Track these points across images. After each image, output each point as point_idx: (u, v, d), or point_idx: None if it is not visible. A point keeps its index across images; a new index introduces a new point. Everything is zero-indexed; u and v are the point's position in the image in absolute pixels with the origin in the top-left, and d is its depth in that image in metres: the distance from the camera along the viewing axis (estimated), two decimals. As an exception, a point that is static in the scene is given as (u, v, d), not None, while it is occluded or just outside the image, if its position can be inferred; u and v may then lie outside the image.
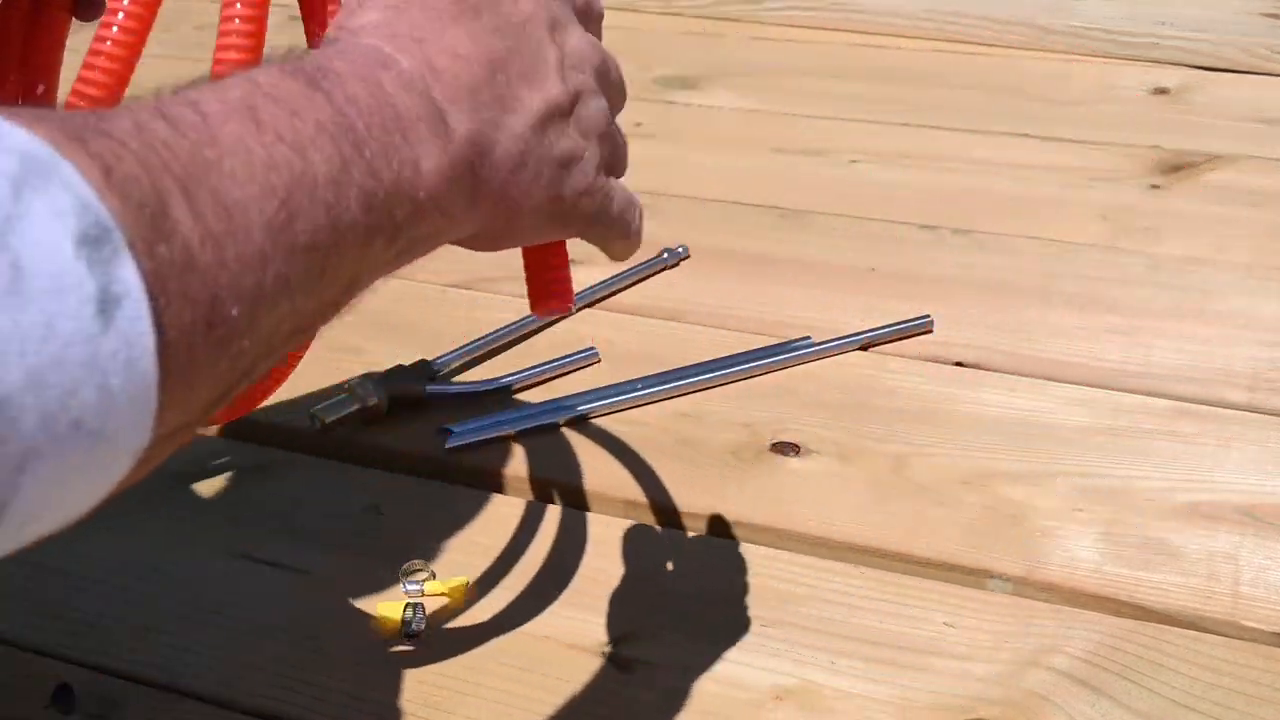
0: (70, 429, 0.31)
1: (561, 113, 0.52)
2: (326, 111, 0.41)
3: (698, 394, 1.02)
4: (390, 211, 0.44)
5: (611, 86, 0.57)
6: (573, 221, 0.56)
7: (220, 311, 0.36)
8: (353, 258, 0.42)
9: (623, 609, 0.82)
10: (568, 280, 0.63)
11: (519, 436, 0.98)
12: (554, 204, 0.53)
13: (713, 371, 1.03)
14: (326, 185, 0.40)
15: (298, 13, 0.70)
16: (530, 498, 0.93)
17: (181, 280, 0.35)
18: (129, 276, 0.33)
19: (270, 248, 0.38)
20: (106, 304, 0.32)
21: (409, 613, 0.81)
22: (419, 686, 0.77)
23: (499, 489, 0.94)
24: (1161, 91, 1.56)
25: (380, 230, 0.43)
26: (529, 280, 0.64)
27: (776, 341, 1.07)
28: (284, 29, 0.69)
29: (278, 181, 0.38)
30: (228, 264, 0.36)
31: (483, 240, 0.53)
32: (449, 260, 1.27)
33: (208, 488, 0.95)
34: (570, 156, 0.53)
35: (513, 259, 1.24)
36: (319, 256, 0.40)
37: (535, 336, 1.11)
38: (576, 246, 1.24)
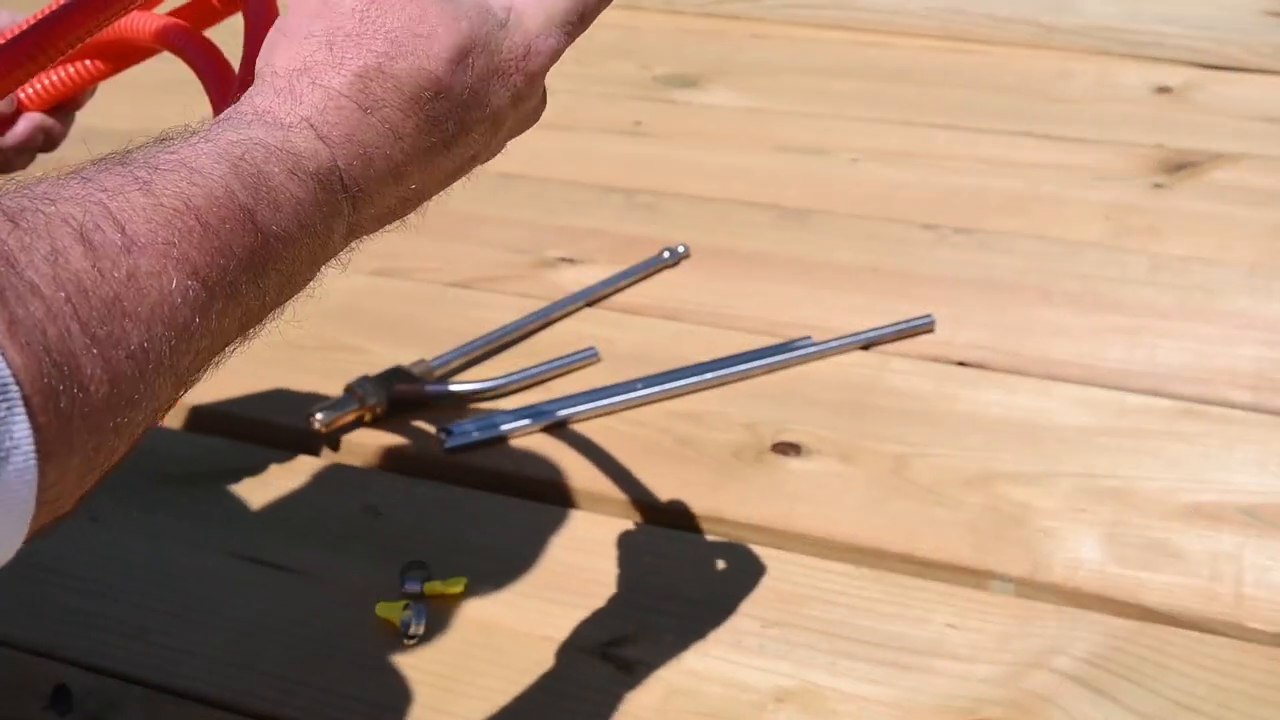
0: None
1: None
2: (247, 251, 0.42)
3: (698, 394, 1.02)
4: (264, 319, 0.45)
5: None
6: None
7: (103, 450, 0.38)
8: (213, 365, 0.44)
9: (623, 609, 0.82)
10: None
11: (518, 436, 0.98)
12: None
13: (713, 371, 1.03)
14: (228, 323, 0.42)
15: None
16: (530, 498, 0.93)
17: (71, 427, 0.36)
18: (21, 433, 0.34)
19: (158, 385, 0.39)
20: (2, 457, 0.34)
21: (408, 613, 0.80)
22: (418, 687, 0.77)
23: (498, 489, 0.94)
24: (1164, 90, 1.55)
25: (250, 326, 0.45)
26: None
27: (777, 341, 1.07)
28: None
29: (182, 322, 0.39)
30: (114, 409, 0.38)
31: None
32: (449, 260, 1.28)
33: (207, 488, 0.94)
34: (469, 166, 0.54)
35: (514, 258, 1.24)
36: (196, 379, 0.43)
37: (535, 336, 1.11)
38: (573, 246, 1.24)
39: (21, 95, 0.65)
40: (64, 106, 0.68)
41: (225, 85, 0.61)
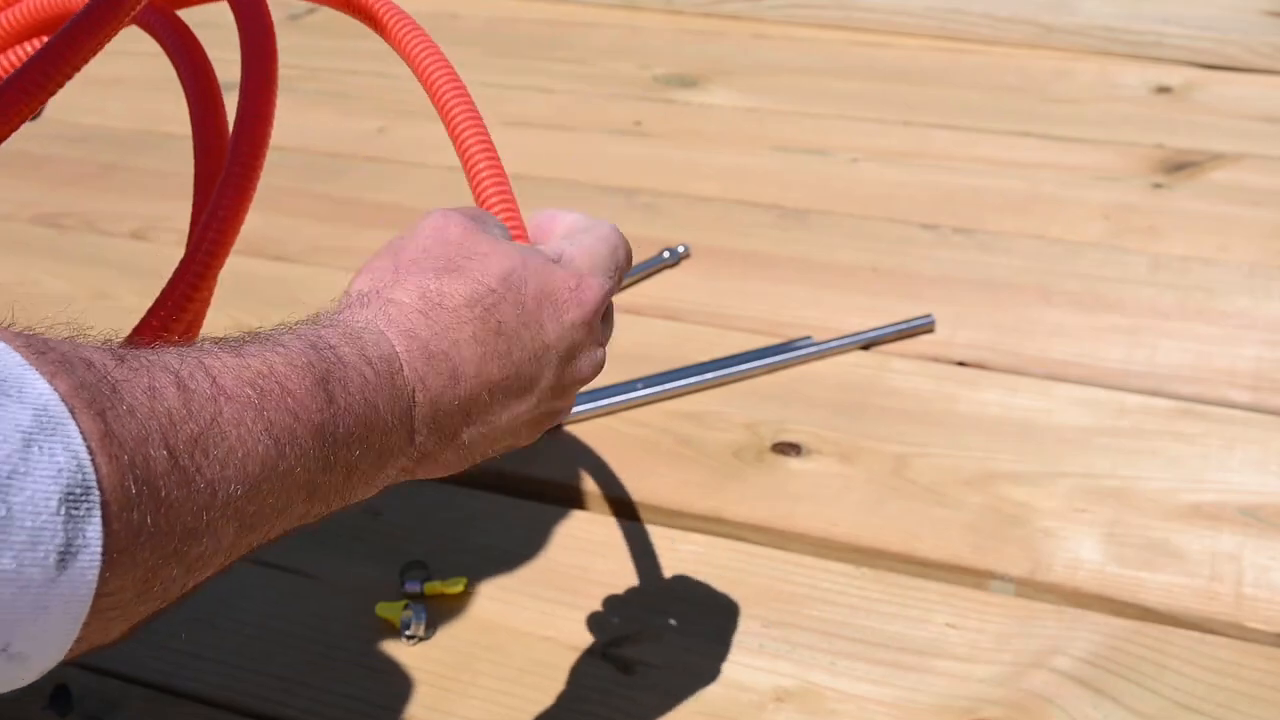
0: (1, 654, 0.38)
1: (523, 425, 0.57)
2: (320, 417, 0.46)
3: (698, 394, 1.02)
4: (330, 499, 0.49)
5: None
6: None
7: (162, 574, 0.41)
8: (278, 522, 0.47)
9: (623, 609, 0.82)
10: None
11: (519, 436, 0.98)
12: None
13: (713, 371, 1.03)
14: (293, 485, 0.46)
15: (298, 12, 0.69)
16: (530, 498, 0.93)
17: (137, 542, 0.39)
18: (93, 534, 0.37)
19: (222, 526, 0.43)
20: (67, 555, 0.37)
21: (408, 613, 0.80)
22: (419, 687, 0.77)
23: (498, 489, 0.94)
24: (1164, 90, 1.56)
25: (316, 501, 0.48)
26: None
27: (777, 341, 1.07)
28: (283, 28, 0.69)
29: (253, 471, 0.43)
30: (186, 527, 0.41)
31: None
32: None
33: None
34: (513, 443, 0.58)
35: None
36: (268, 519, 0.46)
37: (535, 336, 1.11)
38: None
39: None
40: None
41: (198, 69, 0.62)
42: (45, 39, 0.66)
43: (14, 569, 0.36)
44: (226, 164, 0.62)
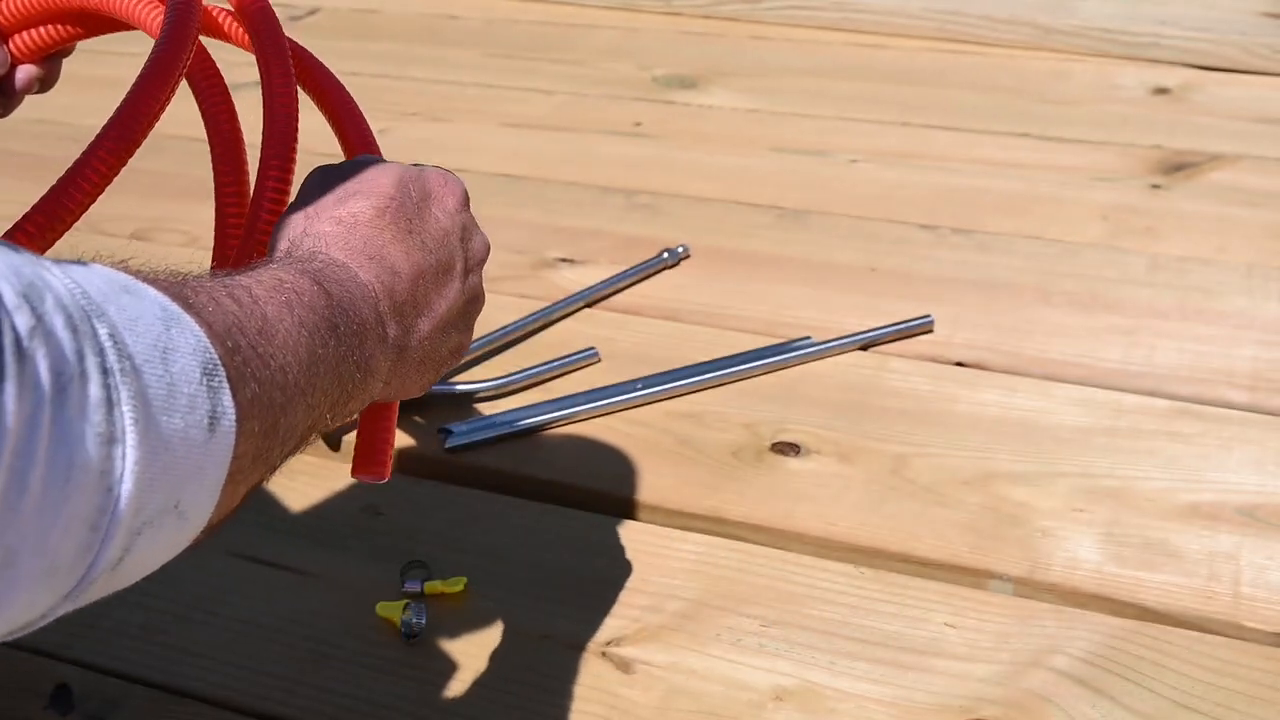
0: (172, 512, 0.42)
1: (459, 312, 0.64)
2: (328, 312, 0.53)
3: (698, 394, 1.02)
4: (351, 390, 0.56)
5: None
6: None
7: (264, 445, 0.48)
8: (326, 410, 0.54)
9: (623, 609, 0.82)
10: (391, 449, 0.68)
11: (519, 436, 0.98)
12: (432, 383, 0.65)
13: (713, 371, 1.03)
14: (329, 371, 0.53)
15: (298, 14, 0.70)
16: (530, 498, 0.93)
17: (251, 413, 0.46)
18: (228, 403, 0.44)
19: (296, 394, 0.50)
20: (214, 421, 0.43)
21: (408, 613, 0.81)
22: (419, 686, 0.77)
23: (498, 489, 0.94)
24: (1162, 91, 1.56)
25: (344, 391, 0.55)
26: (358, 444, 0.67)
27: (776, 341, 1.07)
28: (283, 29, 0.69)
29: (303, 357, 0.51)
30: (275, 402, 0.48)
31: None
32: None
33: (207, 488, 0.95)
34: (458, 348, 0.65)
35: (514, 258, 1.24)
36: (319, 403, 0.53)
37: (535, 336, 1.11)
38: (573, 246, 1.24)
39: (13, 49, 0.70)
40: (55, 56, 0.72)
41: (207, 71, 0.65)
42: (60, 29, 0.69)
43: (182, 429, 0.41)
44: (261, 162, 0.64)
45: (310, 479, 0.95)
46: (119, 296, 0.41)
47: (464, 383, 1.04)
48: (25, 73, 0.71)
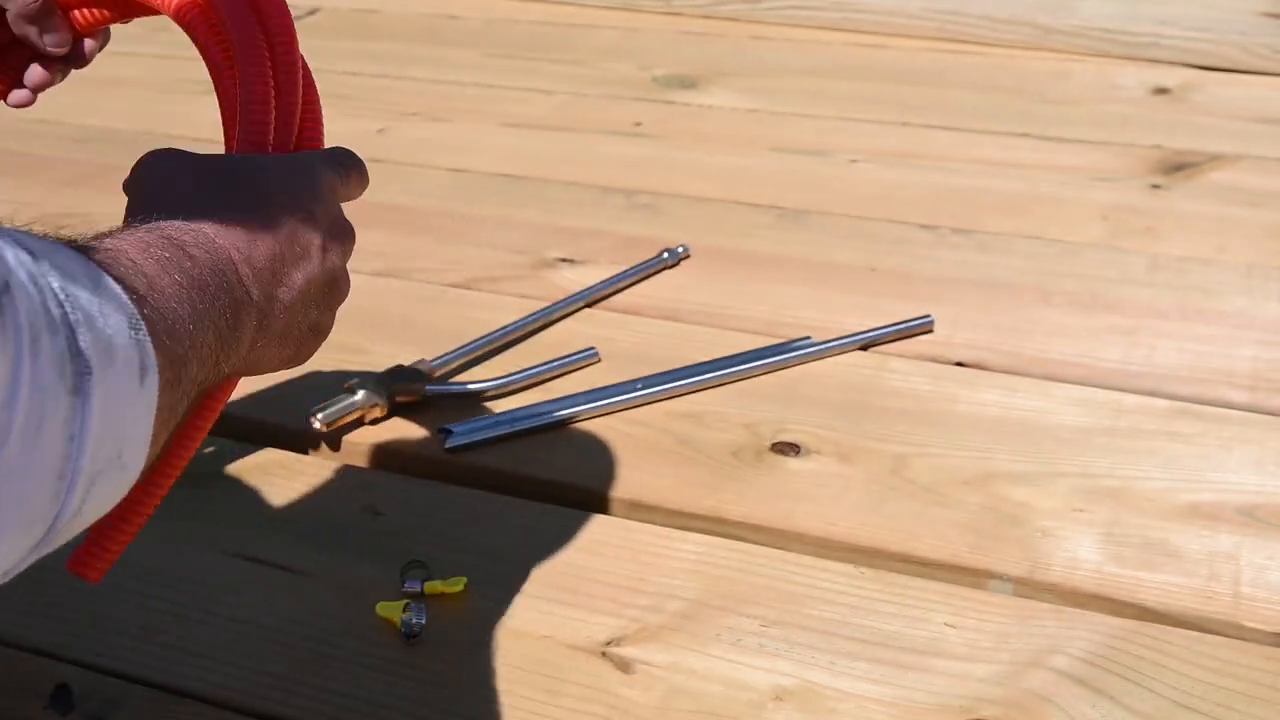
0: (116, 461, 0.43)
1: (319, 288, 0.63)
2: (196, 272, 0.54)
3: (698, 394, 1.02)
4: (228, 347, 0.57)
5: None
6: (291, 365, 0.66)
7: (174, 390, 0.49)
8: (211, 365, 0.55)
9: (623, 609, 0.82)
10: (118, 555, 0.64)
11: (519, 436, 0.98)
12: (292, 360, 0.64)
13: (713, 371, 1.03)
14: (209, 327, 0.54)
15: (299, 14, 0.70)
16: (530, 498, 0.93)
17: (168, 363, 0.48)
18: (152, 354, 0.45)
19: (191, 348, 0.51)
20: (144, 372, 0.45)
21: (408, 613, 0.81)
22: (419, 686, 0.77)
23: (498, 489, 0.94)
24: (1162, 91, 1.56)
25: (222, 347, 0.56)
26: (92, 532, 0.62)
27: (776, 341, 1.07)
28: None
29: (189, 313, 0.52)
30: (178, 355, 0.50)
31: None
32: (449, 260, 1.28)
33: (207, 488, 0.95)
34: (318, 327, 0.65)
35: (514, 258, 1.24)
36: (207, 358, 0.54)
37: (535, 336, 1.11)
38: (573, 246, 1.24)
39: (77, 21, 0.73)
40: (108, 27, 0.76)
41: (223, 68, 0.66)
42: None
43: (124, 380, 0.43)
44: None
45: (310, 479, 0.95)
46: (52, 253, 0.42)
47: (464, 383, 1.04)
48: (90, 44, 0.75)
